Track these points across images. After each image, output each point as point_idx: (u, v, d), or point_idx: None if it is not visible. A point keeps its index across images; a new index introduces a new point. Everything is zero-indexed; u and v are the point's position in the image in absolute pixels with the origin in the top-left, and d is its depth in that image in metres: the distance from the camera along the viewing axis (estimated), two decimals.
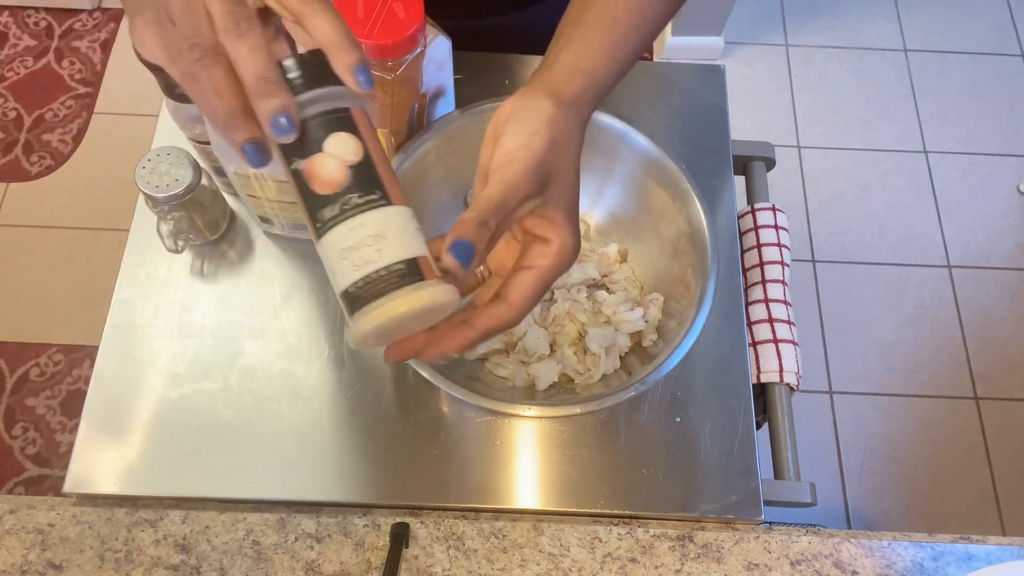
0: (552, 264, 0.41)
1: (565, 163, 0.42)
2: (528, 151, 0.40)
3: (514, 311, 0.40)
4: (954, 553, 0.59)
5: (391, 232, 0.37)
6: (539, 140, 0.40)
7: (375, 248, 0.36)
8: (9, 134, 1.72)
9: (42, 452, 1.41)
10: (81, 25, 1.86)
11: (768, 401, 0.66)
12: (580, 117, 0.43)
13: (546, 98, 0.42)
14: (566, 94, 0.42)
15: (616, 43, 0.45)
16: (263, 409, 0.61)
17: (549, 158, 0.41)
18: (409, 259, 0.37)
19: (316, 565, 0.56)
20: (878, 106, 1.84)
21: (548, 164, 0.41)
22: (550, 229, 0.41)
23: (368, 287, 0.37)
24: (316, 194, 0.37)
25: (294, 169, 0.37)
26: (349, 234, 0.37)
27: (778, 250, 0.72)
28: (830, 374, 1.53)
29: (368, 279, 0.36)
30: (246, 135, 0.35)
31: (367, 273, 0.36)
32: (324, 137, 0.36)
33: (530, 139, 0.40)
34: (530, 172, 0.40)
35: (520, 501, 0.58)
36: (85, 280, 1.57)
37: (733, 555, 0.58)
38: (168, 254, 0.66)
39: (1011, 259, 1.66)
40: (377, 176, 0.37)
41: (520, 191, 0.39)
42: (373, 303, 0.37)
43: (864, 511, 1.41)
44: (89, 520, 0.57)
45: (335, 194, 0.36)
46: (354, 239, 0.36)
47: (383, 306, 0.36)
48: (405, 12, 0.55)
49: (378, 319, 0.37)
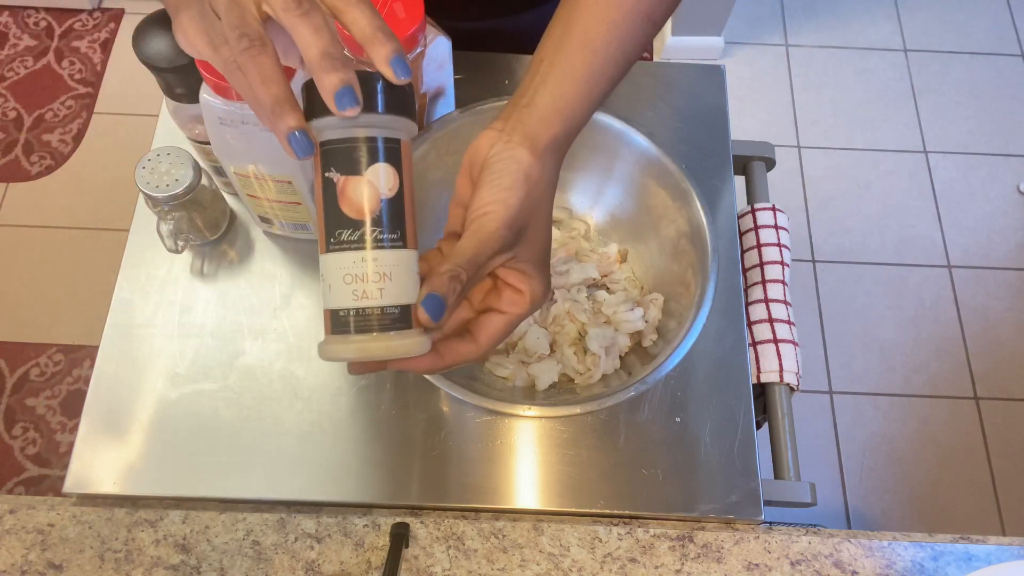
0: (523, 312, 0.43)
1: (538, 216, 0.43)
2: (503, 207, 0.41)
3: (481, 350, 0.43)
4: (954, 553, 0.59)
5: (397, 275, 0.38)
6: (514, 197, 0.41)
7: (378, 286, 0.37)
8: (9, 134, 1.72)
9: (42, 452, 1.41)
10: (81, 25, 1.86)
11: (768, 401, 0.66)
12: (556, 161, 0.44)
13: (523, 147, 0.42)
14: (543, 140, 0.43)
15: (595, 78, 0.45)
16: (263, 409, 0.61)
17: (523, 213, 0.42)
18: (404, 305, 0.38)
19: (316, 565, 0.56)
20: (878, 106, 1.84)
21: (521, 220, 0.42)
22: (522, 281, 0.42)
23: (359, 320, 0.37)
24: (341, 212, 0.37)
25: (328, 177, 0.37)
26: (360, 264, 0.37)
27: (778, 250, 0.72)
28: (830, 374, 1.53)
29: (362, 312, 0.37)
30: (293, 123, 0.35)
31: (363, 307, 0.37)
32: (369, 161, 0.37)
33: (505, 195, 0.41)
34: (503, 229, 0.41)
35: (520, 501, 0.59)
36: (85, 280, 1.57)
37: (733, 555, 0.58)
38: (168, 254, 0.67)
39: (1011, 259, 1.66)
40: (403, 216, 0.38)
41: (492, 247, 0.41)
42: (358, 336, 0.37)
43: (864, 511, 1.41)
44: (89, 520, 0.57)
45: (359, 221, 0.37)
46: (362, 270, 0.37)
47: (365, 343, 0.37)
48: (405, 12, 0.55)
49: (356, 353, 0.38)
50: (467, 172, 0.44)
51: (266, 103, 0.35)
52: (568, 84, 0.44)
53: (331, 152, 0.37)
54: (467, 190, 0.44)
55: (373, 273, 0.37)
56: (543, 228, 0.44)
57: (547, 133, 0.43)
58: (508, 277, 0.43)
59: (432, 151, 0.62)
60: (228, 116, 0.50)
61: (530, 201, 0.42)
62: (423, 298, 0.38)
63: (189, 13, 0.37)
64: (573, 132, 0.46)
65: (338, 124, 0.36)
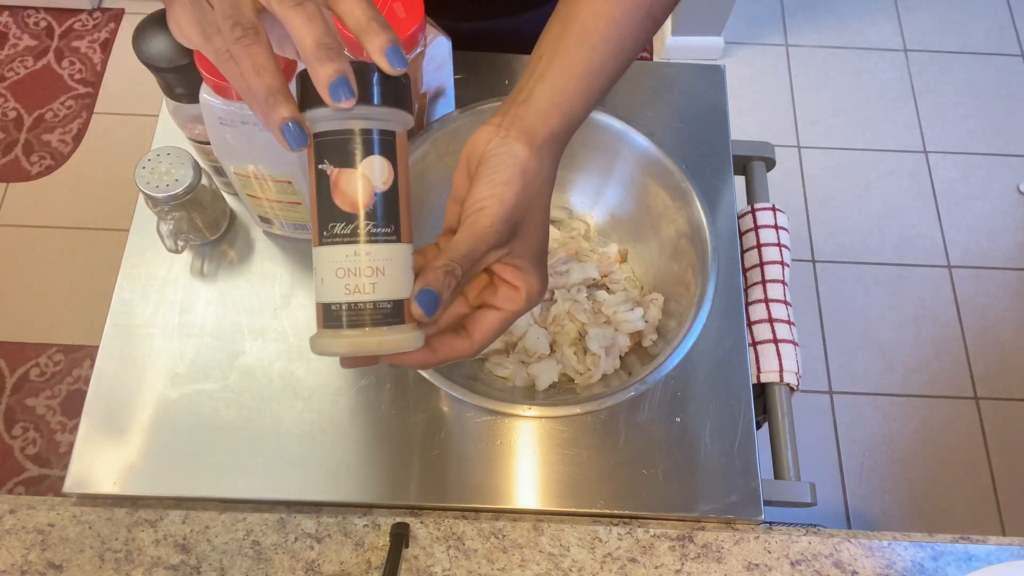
0: (518, 309, 0.42)
1: (535, 211, 0.43)
2: (499, 202, 0.41)
3: (476, 347, 0.42)
4: (954, 553, 0.59)
5: (391, 269, 0.37)
6: (510, 192, 0.41)
7: (371, 281, 0.37)
8: (9, 134, 1.72)
9: (42, 452, 1.41)
10: (81, 25, 1.86)
11: (768, 401, 0.66)
12: (553, 156, 0.44)
13: (520, 142, 0.42)
14: (540, 135, 0.43)
15: (593, 73, 0.45)
16: (263, 409, 0.61)
17: (519, 209, 0.41)
18: (397, 300, 0.38)
19: (316, 565, 0.56)
20: (878, 106, 1.84)
21: (517, 215, 0.41)
22: (518, 277, 0.42)
23: (351, 314, 0.37)
24: (334, 204, 0.37)
25: (321, 169, 0.37)
26: (352, 258, 0.37)
27: (778, 250, 0.72)
28: (830, 374, 1.53)
29: (354, 307, 0.37)
30: (286, 114, 0.35)
31: (356, 301, 0.37)
32: (364, 154, 0.36)
33: (502, 189, 0.41)
34: (499, 223, 0.40)
35: (520, 501, 0.59)
36: (85, 280, 1.57)
37: (733, 555, 0.58)
38: (168, 254, 0.67)
39: (1011, 259, 1.66)
40: (397, 210, 0.38)
41: (488, 242, 0.40)
42: (350, 330, 0.37)
43: (864, 511, 1.41)
44: (89, 520, 0.57)
45: (353, 214, 0.37)
46: (355, 265, 0.37)
47: (357, 338, 0.37)
48: (405, 12, 0.55)
49: (348, 347, 0.37)
50: (464, 168, 0.44)
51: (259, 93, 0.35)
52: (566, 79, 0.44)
53: (325, 144, 0.36)
54: (464, 186, 0.43)
55: (366, 267, 0.37)
56: (540, 224, 0.43)
57: (545, 128, 0.43)
58: (504, 273, 0.42)
59: (432, 151, 0.62)
60: (228, 116, 0.50)
61: (527, 196, 0.42)
62: (416, 293, 0.38)
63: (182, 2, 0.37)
64: (571, 127, 0.45)
65: (332, 115, 0.36)
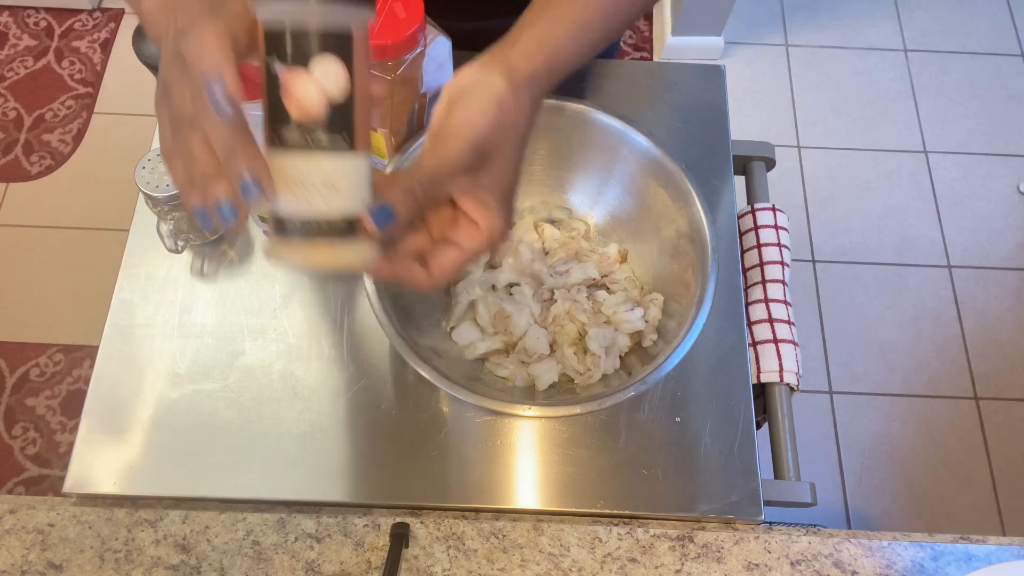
0: (477, 248, 0.42)
1: (506, 146, 0.42)
2: (470, 129, 0.40)
3: (433, 281, 0.42)
4: (954, 553, 0.59)
5: (343, 183, 0.36)
6: (483, 120, 0.41)
7: (323, 195, 0.35)
8: (9, 134, 1.72)
9: (42, 452, 1.41)
10: (81, 25, 1.86)
11: (768, 401, 0.66)
12: (532, 96, 0.43)
13: (500, 75, 0.41)
14: (522, 71, 0.42)
15: (583, 26, 0.45)
16: (263, 409, 0.61)
17: (491, 139, 0.41)
18: (350, 216, 0.36)
19: (316, 565, 0.56)
20: (878, 106, 1.84)
21: (488, 145, 0.41)
22: (481, 214, 0.42)
23: (303, 226, 0.36)
24: (283, 108, 0.34)
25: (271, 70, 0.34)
26: (303, 168, 0.35)
27: (778, 250, 0.72)
28: (830, 374, 1.53)
29: (306, 220, 0.36)
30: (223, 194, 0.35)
31: (307, 214, 0.36)
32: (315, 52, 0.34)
33: (475, 117, 0.41)
34: (467, 149, 0.40)
35: (520, 501, 0.58)
36: (85, 280, 1.57)
37: (733, 555, 0.58)
38: (168, 254, 0.67)
39: (1011, 259, 1.66)
40: (351, 119, 0.35)
41: (452, 165, 0.40)
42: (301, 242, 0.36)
43: (864, 511, 1.41)
44: (89, 520, 0.57)
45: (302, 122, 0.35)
46: (306, 177, 0.35)
47: (308, 250, 0.36)
48: (405, 12, 0.55)
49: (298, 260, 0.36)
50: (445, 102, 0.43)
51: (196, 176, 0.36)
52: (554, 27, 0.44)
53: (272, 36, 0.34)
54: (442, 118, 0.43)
55: (317, 180, 0.35)
56: (511, 162, 0.43)
57: (527, 65, 0.42)
58: (467, 206, 0.42)
59: None
60: None
61: (499, 128, 0.41)
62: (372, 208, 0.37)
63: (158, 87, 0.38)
64: (555, 74, 0.44)
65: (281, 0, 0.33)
